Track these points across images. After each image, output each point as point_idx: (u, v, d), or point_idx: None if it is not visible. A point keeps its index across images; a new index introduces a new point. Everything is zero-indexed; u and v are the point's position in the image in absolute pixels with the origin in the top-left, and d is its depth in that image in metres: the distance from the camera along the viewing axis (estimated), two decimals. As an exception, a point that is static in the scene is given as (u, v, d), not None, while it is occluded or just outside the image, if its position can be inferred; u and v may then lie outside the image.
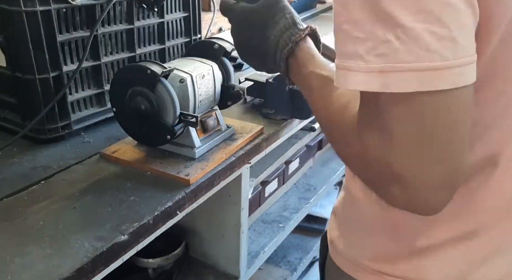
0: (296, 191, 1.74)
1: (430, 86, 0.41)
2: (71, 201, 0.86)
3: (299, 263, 1.78)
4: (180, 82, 0.94)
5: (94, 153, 1.03)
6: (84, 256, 0.72)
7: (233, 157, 1.04)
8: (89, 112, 1.14)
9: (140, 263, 1.23)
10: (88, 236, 0.76)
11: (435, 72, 0.40)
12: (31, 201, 0.86)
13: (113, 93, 0.98)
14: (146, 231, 0.82)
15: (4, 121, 1.12)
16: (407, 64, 0.41)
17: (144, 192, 0.89)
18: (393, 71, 0.41)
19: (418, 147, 0.43)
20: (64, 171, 0.97)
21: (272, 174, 1.56)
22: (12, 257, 0.72)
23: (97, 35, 1.09)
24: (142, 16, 1.21)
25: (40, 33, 0.98)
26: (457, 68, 0.41)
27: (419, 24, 0.40)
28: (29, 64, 1.00)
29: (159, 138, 0.97)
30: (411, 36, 0.40)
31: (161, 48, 1.29)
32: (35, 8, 0.96)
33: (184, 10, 1.33)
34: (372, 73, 0.42)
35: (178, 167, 0.96)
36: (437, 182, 0.44)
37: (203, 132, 1.03)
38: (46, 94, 1.03)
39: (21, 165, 0.99)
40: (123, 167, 0.98)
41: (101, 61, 1.13)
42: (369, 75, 0.43)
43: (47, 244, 0.74)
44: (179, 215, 0.90)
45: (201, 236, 1.33)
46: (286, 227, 1.54)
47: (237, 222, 1.22)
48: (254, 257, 1.38)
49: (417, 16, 0.40)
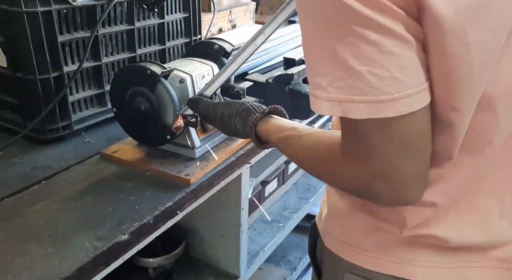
0: (296, 191, 1.75)
1: (380, 114, 0.51)
2: (71, 200, 0.87)
3: (299, 263, 1.79)
4: (180, 83, 0.95)
5: (95, 153, 1.04)
6: (85, 256, 0.72)
7: (233, 157, 1.04)
8: (89, 113, 1.15)
9: (141, 262, 1.23)
10: (88, 235, 0.77)
11: (381, 104, 0.50)
12: (32, 201, 0.86)
13: (114, 94, 0.99)
14: (147, 230, 0.83)
15: (5, 122, 1.12)
16: (358, 96, 0.51)
17: (144, 192, 0.90)
18: (349, 102, 0.52)
19: (394, 154, 0.54)
20: (64, 171, 0.97)
21: (272, 174, 1.56)
22: (13, 257, 0.72)
23: (97, 36, 1.10)
24: (142, 16, 1.21)
25: (41, 33, 0.98)
26: (400, 100, 0.50)
27: (364, 67, 0.50)
28: (30, 65, 1.00)
29: (159, 139, 0.97)
30: (358, 76, 0.50)
31: (161, 49, 1.29)
32: (36, 8, 0.96)
33: (184, 11, 1.34)
34: (333, 101, 0.53)
35: (178, 167, 0.97)
36: (413, 175, 0.55)
37: (203, 132, 1.03)
38: (47, 95, 1.03)
39: (22, 165, 0.99)
40: (124, 167, 0.98)
41: (102, 62, 1.13)
42: (331, 103, 0.53)
43: (48, 244, 0.75)
44: (179, 214, 0.90)
45: (201, 235, 1.33)
46: (286, 227, 1.54)
47: (237, 221, 1.22)
48: (254, 257, 1.39)
49: (362, 61, 0.50)
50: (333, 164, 0.60)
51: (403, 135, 0.53)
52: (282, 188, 1.68)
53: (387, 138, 0.53)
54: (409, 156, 0.54)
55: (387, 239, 0.68)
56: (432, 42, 0.51)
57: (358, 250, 0.71)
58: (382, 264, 0.68)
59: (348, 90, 0.51)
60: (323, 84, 0.53)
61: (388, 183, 0.55)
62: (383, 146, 0.53)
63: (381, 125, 0.52)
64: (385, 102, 0.50)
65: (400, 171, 0.54)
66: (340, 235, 0.74)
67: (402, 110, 0.51)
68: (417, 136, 0.54)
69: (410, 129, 0.53)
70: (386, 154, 0.54)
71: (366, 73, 0.50)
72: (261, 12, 2.38)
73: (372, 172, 0.55)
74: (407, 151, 0.54)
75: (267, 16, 2.32)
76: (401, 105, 0.51)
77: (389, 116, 0.51)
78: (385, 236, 0.68)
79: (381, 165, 0.54)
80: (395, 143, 0.53)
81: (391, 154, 0.54)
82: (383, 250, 0.68)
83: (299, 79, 1.24)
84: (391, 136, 0.53)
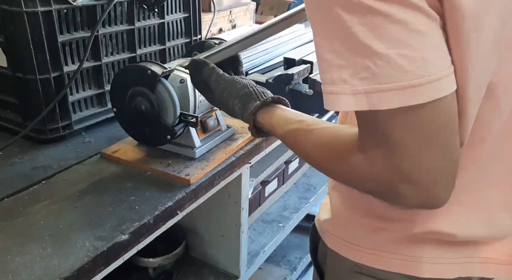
0: (296, 191, 1.75)
1: (412, 101, 0.46)
2: (71, 200, 0.87)
3: (299, 263, 1.79)
4: (180, 83, 0.95)
5: (95, 153, 1.04)
6: (85, 256, 0.72)
7: (233, 157, 1.04)
8: (89, 113, 1.15)
9: (141, 262, 1.23)
10: (88, 235, 0.77)
11: (414, 90, 0.46)
12: (32, 201, 0.86)
13: (114, 94, 0.99)
14: (147, 230, 0.83)
15: (5, 122, 1.12)
16: (387, 84, 0.46)
17: (144, 191, 0.90)
18: (376, 92, 0.47)
19: (421, 149, 0.49)
20: (64, 171, 0.97)
21: (272, 174, 1.56)
22: (13, 256, 0.72)
23: (97, 36, 1.10)
24: (142, 16, 1.21)
25: (41, 33, 0.98)
26: (433, 83, 0.46)
27: (391, 50, 0.46)
28: (30, 65, 1.00)
29: (159, 139, 0.97)
30: (385, 61, 0.46)
31: (161, 49, 1.29)
32: (36, 8, 0.96)
33: (184, 11, 1.34)
34: (359, 95, 0.48)
35: (178, 166, 0.97)
36: (441, 175, 0.51)
37: (203, 132, 1.03)
38: (47, 95, 1.03)
39: (22, 165, 0.99)
40: (124, 167, 0.98)
41: (102, 62, 1.13)
42: (355, 97, 0.48)
43: (48, 244, 0.75)
44: (179, 214, 0.90)
45: (201, 235, 1.33)
46: (286, 227, 1.55)
47: (237, 221, 1.22)
48: (254, 257, 1.39)
49: (389, 44, 0.46)
50: (351, 163, 0.55)
51: (432, 125, 0.48)
52: (282, 188, 1.68)
53: (414, 131, 0.48)
54: (438, 151, 0.49)
55: (392, 237, 0.67)
56: (450, 26, 0.48)
57: (363, 249, 0.70)
58: (388, 262, 0.68)
59: (375, 79, 0.47)
60: (344, 76, 0.48)
61: (415, 183, 0.50)
62: (409, 140, 0.49)
63: (408, 116, 0.48)
64: (417, 86, 0.46)
65: (429, 169, 0.50)
66: (344, 235, 0.73)
67: (435, 95, 0.47)
68: (446, 126, 0.49)
69: (439, 118, 0.48)
70: (412, 150, 0.49)
71: (396, 56, 0.46)
72: (261, 12, 2.38)
73: (397, 172, 0.50)
74: (436, 145, 0.49)
75: (267, 16, 2.32)
76: (434, 89, 0.47)
77: (421, 103, 0.46)
78: (390, 235, 0.67)
79: (407, 163, 0.49)
80: (422, 136, 0.48)
81: (418, 149, 0.49)
82: (388, 248, 0.68)
83: (299, 79, 1.25)
84: (418, 128, 0.48)
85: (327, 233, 0.76)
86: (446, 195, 0.53)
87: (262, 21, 2.23)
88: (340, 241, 0.73)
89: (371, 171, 0.53)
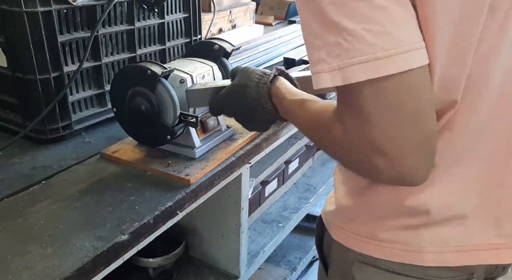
0: (296, 191, 1.75)
1: (379, 73, 0.49)
2: (71, 201, 0.87)
3: (299, 263, 1.79)
4: (180, 83, 0.95)
5: (95, 153, 1.04)
6: (85, 256, 0.72)
7: (233, 157, 1.04)
8: (89, 113, 1.15)
9: (141, 262, 1.23)
10: (88, 235, 0.77)
11: (379, 62, 0.49)
12: (32, 201, 0.86)
13: (114, 94, 0.99)
14: (147, 230, 0.83)
15: (5, 122, 1.12)
16: (355, 58, 0.50)
17: (144, 192, 0.90)
18: (348, 66, 0.50)
19: (392, 120, 0.51)
20: (64, 171, 0.97)
21: (272, 174, 1.56)
22: (13, 257, 0.72)
23: (97, 36, 1.10)
24: (142, 16, 1.21)
25: (41, 33, 0.98)
26: (397, 55, 0.49)
27: (358, 25, 0.49)
28: (30, 65, 1.00)
29: (159, 139, 0.97)
30: (354, 35, 0.49)
31: (161, 49, 1.29)
32: (36, 8, 0.96)
33: (184, 11, 1.34)
34: (334, 71, 0.51)
35: (178, 167, 0.97)
36: (414, 147, 0.52)
37: (203, 132, 1.03)
38: (47, 95, 1.03)
39: (22, 165, 0.99)
40: (124, 167, 0.98)
41: (102, 62, 1.13)
42: (332, 73, 0.51)
43: (47, 244, 0.75)
44: (179, 214, 0.90)
45: (201, 235, 1.33)
46: (286, 227, 1.55)
47: (237, 221, 1.22)
48: (254, 257, 1.39)
49: (355, 19, 0.49)
50: (332, 135, 0.57)
51: (399, 97, 0.51)
52: (282, 188, 1.68)
53: (382, 102, 0.51)
54: (407, 122, 0.51)
55: (395, 228, 0.68)
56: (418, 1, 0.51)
57: (367, 240, 0.71)
58: (391, 252, 0.69)
59: (346, 54, 0.50)
60: (323, 56, 0.52)
61: (387, 154, 0.52)
62: (379, 111, 0.51)
63: (375, 87, 0.51)
64: (382, 59, 0.49)
65: (399, 139, 0.51)
66: (348, 227, 0.74)
67: (400, 67, 0.49)
68: (414, 98, 0.51)
69: (406, 90, 0.51)
70: (382, 120, 0.51)
71: (361, 31, 0.49)
72: (261, 12, 2.38)
73: (370, 142, 0.52)
74: (404, 116, 0.51)
75: (267, 16, 2.32)
76: (399, 60, 0.49)
77: (387, 74, 0.49)
78: (393, 225, 0.68)
79: (378, 133, 0.51)
80: (390, 107, 0.51)
81: (387, 120, 0.51)
82: (391, 239, 0.68)
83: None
84: (386, 98, 0.51)
85: (332, 225, 0.77)
86: (423, 172, 0.54)
87: (262, 21, 2.23)
88: (345, 232, 0.74)
89: (349, 141, 0.55)
